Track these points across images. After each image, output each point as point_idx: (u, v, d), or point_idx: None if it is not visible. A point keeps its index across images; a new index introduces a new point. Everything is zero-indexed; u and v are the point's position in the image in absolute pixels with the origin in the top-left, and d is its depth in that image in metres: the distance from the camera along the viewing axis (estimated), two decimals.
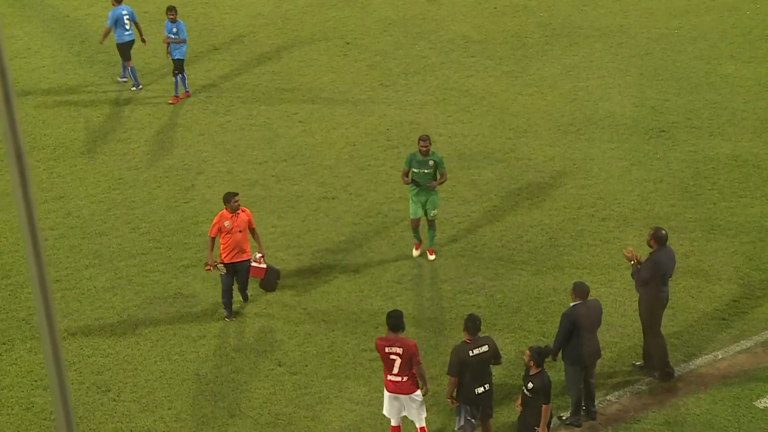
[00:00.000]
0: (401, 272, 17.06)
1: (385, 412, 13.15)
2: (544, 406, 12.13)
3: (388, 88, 23.82)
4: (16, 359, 15.14)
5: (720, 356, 15.04)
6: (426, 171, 16.71)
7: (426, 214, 16.99)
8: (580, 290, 13.33)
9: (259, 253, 15.72)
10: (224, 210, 15.52)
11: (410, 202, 17.10)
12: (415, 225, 17.15)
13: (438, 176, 16.82)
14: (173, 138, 21.80)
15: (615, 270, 16.87)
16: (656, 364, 14.41)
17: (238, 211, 15.44)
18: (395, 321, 12.77)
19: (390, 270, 17.13)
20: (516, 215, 18.67)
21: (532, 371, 12.24)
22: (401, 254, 17.54)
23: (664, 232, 14.26)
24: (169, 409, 14.09)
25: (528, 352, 12.34)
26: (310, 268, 17.22)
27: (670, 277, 14.39)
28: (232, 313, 15.87)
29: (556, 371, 14.48)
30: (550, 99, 23.10)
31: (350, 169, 20.39)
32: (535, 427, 12.31)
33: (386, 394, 13.00)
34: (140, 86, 23.80)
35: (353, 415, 13.96)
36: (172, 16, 22.74)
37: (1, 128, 3.48)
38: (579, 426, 13.63)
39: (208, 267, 15.62)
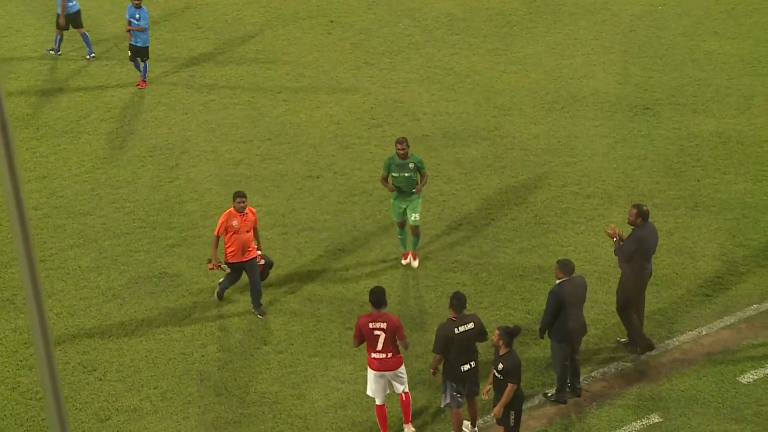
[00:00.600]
0: (386, 251, 17.07)
1: (369, 392, 13.13)
2: (509, 385, 12.06)
3: (372, 66, 23.76)
4: (1, 339, 15.11)
5: (704, 332, 15.13)
6: (407, 174, 16.01)
7: (408, 217, 16.27)
8: (566, 267, 13.37)
9: (258, 250, 15.46)
10: (231, 209, 15.14)
11: (391, 206, 16.50)
12: (401, 226, 16.50)
13: (419, 179, 16.19)
14: (157, 117, 21.71)
15: (599, 247, 16.92)
16: (634, 339, 14.48)
17: (246, 211, 15.13)
18: (378, 297, 12.84)
19: (375, 249, 17.14)
20: (501, 193, 18.69)
21: (501, 351, 12.15)
22: (386, 233, 17.54)
23: (645, 208, 14.30)
24: (155, 388, 14.09)
25: (497, 332, 12.24)
26: (294, 247, 17.22)
27: (653, 253, 14.44)
28: (222, 296, 15.78)
29: (541, 348, 14.55)
30: (534, 77, 23.09)
31: (335, 148, 20.36)
32: (511, 411, 12.18)
33: (371, 373, 12.99)
34: (93, 54, 24.03)
35: (339, 393, 14.00)
36: (136, 2, 22.13)
37: None
38: (564, 403, 13.70)
39: (212, 266, 15.20)
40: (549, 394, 13.78)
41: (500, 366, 12.11)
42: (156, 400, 13.86)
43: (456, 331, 12.58)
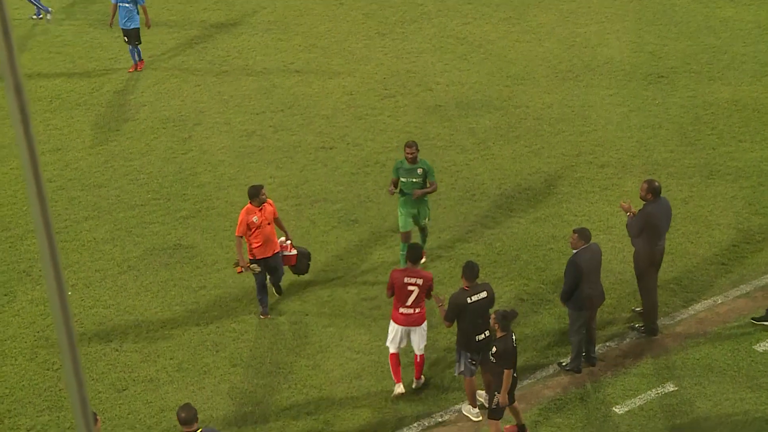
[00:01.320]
0: None
1: (388, 342, 13.43)
2: (505, 371, 11.93)
3: (385, 36, 23.66)
4: (18, 311, 15.19)
5: (719, 301, 15.09)
6: (414, 180, 15.11)
7: (417, 224, 15.61)
8: (583, 234, 13.33)
9: (287, 239, 14.89)
10: (248, 205, 14.44)
11: (399, 213, 15.57)
12: (405, 238, 15.49)
13: (427, 185, 15.29)
14: (170, 89, 21.68)
15: (614, 217, 16.87)
16: (643, 317, 14.41)
17: (264, 204, 14.47)
18: (416, 252, 13.15)
19: (389, 219, 17.12)
20: (514, 163, 18.63)
21: (498, 335, 12.06)
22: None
23: (657, 183, 14.13)
24: (170, 359, 14.16)
25: (493, 315, 12.16)
26: (308, 218, 17.22)
27: (666, 230, 14.25)
28: (267, 310, 14.91)
29: (556, 318, 14.55)
30: (547, 45, 22.96)
31: (347, 119, 20.32)
32: (496, 393, 12.15)
33: (394, 326, 13.25)
34: (50, 11, 24.25)
35: (354, 363, 14.04)
36: None
37: None
38: (579, 372, 13.70)
39: (240, 269, 14.54)
40: (564, 364, 13.78)
41: (494, 349, 12.04)
42: (172, 371, 13.93)
43: (468, 300, 12.59)
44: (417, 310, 13.13)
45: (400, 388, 13.37)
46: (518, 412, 12.61)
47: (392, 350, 13.35)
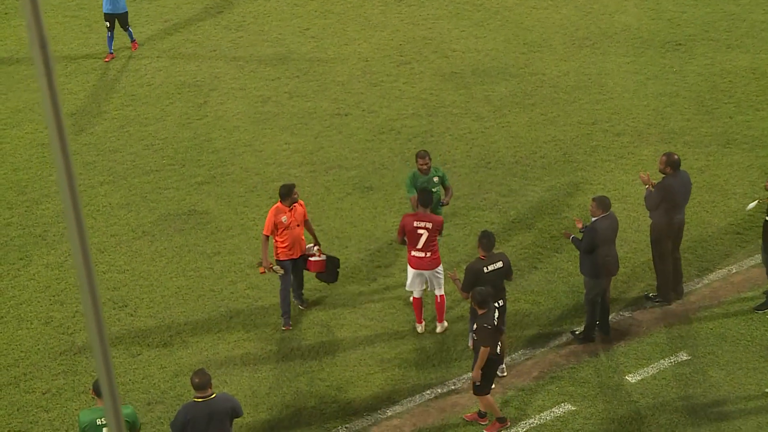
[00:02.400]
0: None
1: (407, 287, 13.77)
2: (482, 348, 11.87)
3: (401, 2, 23.53)
4: (34, 275, 15.27)
5: (734, 270, 15.04)
6: (434, 189, 14.23)
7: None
8: (602, 203, 13.29)
9: (315, 245, 14.24)
10: (278, 204, 13.83)
11: None
12: None
13: (444, 193, 14.61)
14: (185, 54, 21.65)
15: (629, 185, 16.80)
16: (657, 287, 14.38)
17: (295, 204, 13.87)
18: (428, 197, 13.43)
19: (403, 186, 17.08)
20: (530, 131, 18.56)
21: (479, 312, 12.02)
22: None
23: (676, 157, 14.03)
24: (185, 324, 14.22)
25: (471, 296, 12.03)
26: (323, 185, 17.22)
27: (685, 204, 14.17)
28: (290, 321, 14.14)
29: (569, 287, 14.55)
30: (564, 12, 22.79)
31: (363, 85, 20.25)
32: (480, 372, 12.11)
33: (410, 270, 13.58)
34: None
35: (367, 330, 14.08)
36: None
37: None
38: (592, 340, 13.70)
39: (263, 269, 14.01)
40: (577, 332, 13.78)
41: (474, 326, 12.03)
42: (186, 336, 14.00)
43: (485, 270, 12.60)
44: (428, 254, 13.41)
45: (420, 328, 13.89)
46: (491, 405, 12.31)
47: (415, 295, 13.76)
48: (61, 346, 13.86)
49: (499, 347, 12.09)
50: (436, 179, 14.42)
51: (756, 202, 14.51)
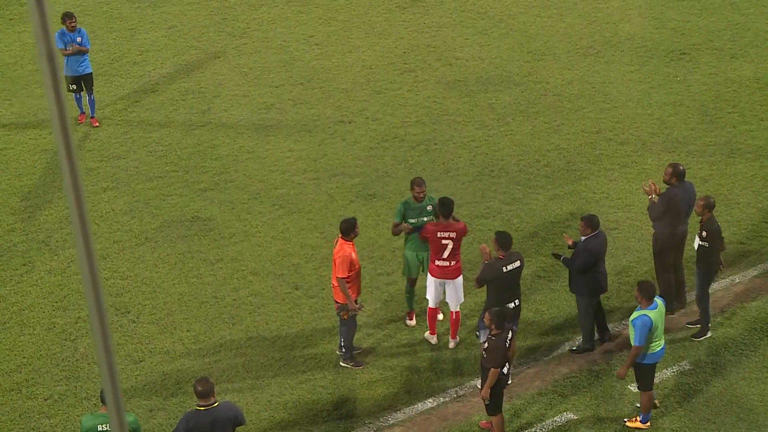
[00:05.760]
0: None
1: (427, 295, 13.70)
2: (492, 369, 11.76)
3: (405, 10, 23.55)
4: (36, 280, 15.27)
5: (737, 280, 15.02)
6: (426, 219, 13.79)
7: (425, 269, 13.92)
8: (592, 222, 13.24)
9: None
10: (342, 240, 13.03)
11: (405, 258, 14.04)
12: (412, 283, 14.15)
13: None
14: (189, 60, 21.68)
15: (633, 194, 16.79)
16: (660, 295, 14.34)
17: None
18: (449, 206, 13.35)
19: (406, 194, 17.06)
20: (534, 139, 18.56)
21: (492, 332, 11.96)
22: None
23: (682, 167, 14.01)
24: (187, 331, 14.22)
25: (488, 315, 11.91)
26: (326, 192, 17.22)
27: (688, 215, 14.12)
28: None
29: (571, 296, 14.54)
30: (569, 21, 22.81)
31: (367, 93, 20.27)
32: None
33: (431, 279, 13.50)
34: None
35: (371, 339, 14.07)
36: (72, 24, 18.78)
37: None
38: (592, 350, 13.66)
39: (346, 315, 13.08)
40: (575, 349, 13.69)
41: (486, 345, 11.96)
42: (188, 343, 13.99)
43: (504, 270, 12.67)
44: (453, 263, 13.40)
45: (433, 339, 13.85)
46: (500, 426, 12.22)
47: (431, 305, 13.72)
48: (63, 352, 13.85)
49: (506, 368, 11.99)
50: (429, 208, 13.85)
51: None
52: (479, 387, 12.49)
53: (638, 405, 12.57)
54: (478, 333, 13.03)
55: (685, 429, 12.40)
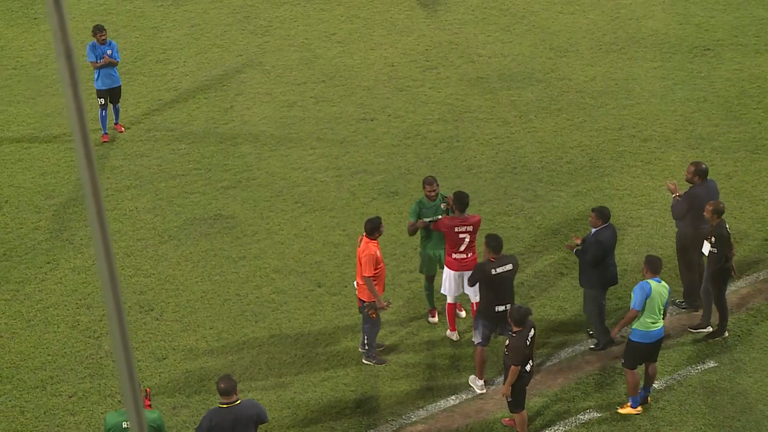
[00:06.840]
0: None
1: (443, 290, 13.69)
2: (512, 367, 11.78)
3: (427, 7, 23.53)
4: (61, 278, 15.36)
5: (761, 277, 14.93)
6: (441, 216, 13.81)
7: (441, 266, 13.96)
8: (603, 214, 13.23)
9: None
10: (367, 239, 13.01)
11: (421, 257, 14.23)
12: (431, 281, 14.27)
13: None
14: (212, 59, 21.73)
15: (656, 191, 16.71)
16: (684, 293, 14.29)
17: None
18: (465, 200, 13.48)
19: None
20: (556, 136, 18.50)
21: (514, 329, 11.96)
22: (440, 176, 17.44)
23: (704, 166, 13.94)
24: (210, 328, 14.26)
25: (510, 312, 12.00)
26: (348, 190, 17.23)
27: None
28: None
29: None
30: (592, 17, 22.71)
31: (389, 90, 20.26)
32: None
33: (449, 272, 13.54)
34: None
35: (394, 336, 14.07)
36: (102, 37, 18.61)
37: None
38: (613, 342, 13.56)
39: (374, 313, 13.12)
40: (593, 347, 13.65)
41: (507, 342, 11.98)
42: (211, 341, 14.03)
43: (493, 272, 12.61)
44: (470, 255, 13.51)
45: (454, 336, 13.87)
46: (523, 423, 12.26)
47: (449, 300, 13.74)
48: (87, 350, 13.93)
49: (529, 365, 11.98)
50: (444, 206, 13.86)
51: None
52: (503, 384, 12.48)
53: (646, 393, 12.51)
54: (475, 333, 13.00)
55: (710, 426, 12.34)
